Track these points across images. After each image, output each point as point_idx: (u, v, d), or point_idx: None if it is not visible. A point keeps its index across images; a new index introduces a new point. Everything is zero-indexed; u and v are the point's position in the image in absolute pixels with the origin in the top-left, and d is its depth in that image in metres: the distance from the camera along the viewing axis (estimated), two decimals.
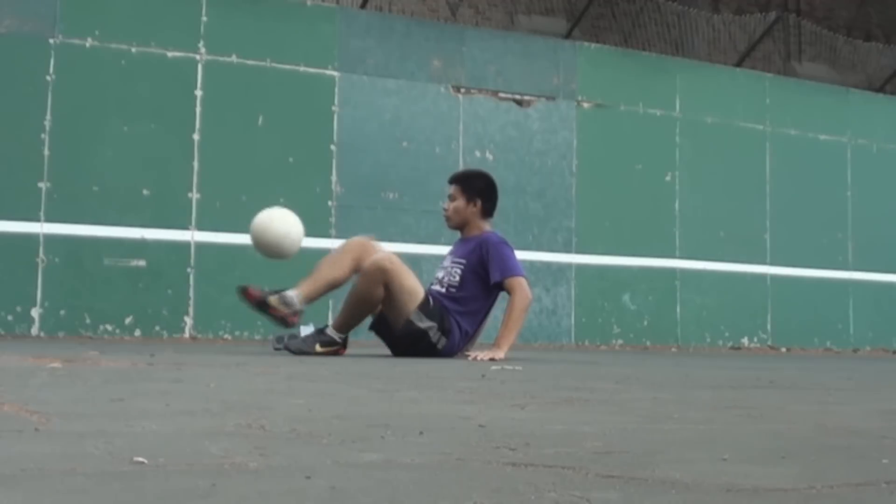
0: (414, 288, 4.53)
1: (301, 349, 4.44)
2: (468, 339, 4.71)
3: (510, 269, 4.62)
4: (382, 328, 4.68)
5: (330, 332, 4.52)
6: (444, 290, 4.69)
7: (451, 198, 4.84)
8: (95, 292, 6.68)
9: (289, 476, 1.11)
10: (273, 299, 4.41)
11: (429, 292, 4.63)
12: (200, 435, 1.45)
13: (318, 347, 4.46)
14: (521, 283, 4.60)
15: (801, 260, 9.28)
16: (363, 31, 7.75)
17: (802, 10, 11.83)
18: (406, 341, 4.59)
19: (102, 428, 1.50)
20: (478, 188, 4.83)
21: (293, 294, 4.46)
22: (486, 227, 4.85)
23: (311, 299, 4.54)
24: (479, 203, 4.80)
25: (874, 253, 9.64)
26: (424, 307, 4.53)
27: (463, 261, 4.72)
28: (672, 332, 8.63)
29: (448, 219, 4.87)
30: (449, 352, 4.61)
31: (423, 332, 4.53)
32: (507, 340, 4.51)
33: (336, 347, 4.51)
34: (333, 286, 4.62)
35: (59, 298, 6.59)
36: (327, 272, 4.57)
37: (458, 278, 4.69)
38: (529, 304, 4.65)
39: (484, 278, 4.65)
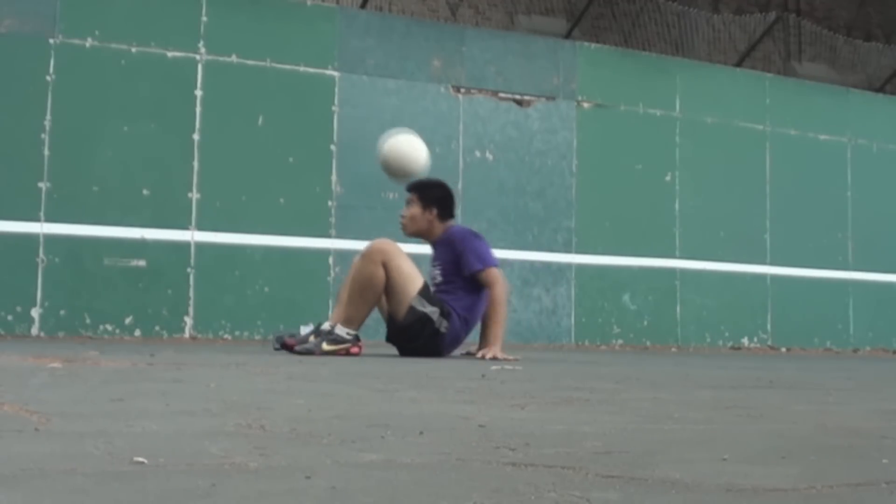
0: (412, 273, 4.59)
1: (307, 350, 4.36)
2: (467, 325, 4.74)
3: (485, 259, 4.72)
4: (393, 332, 4.69)
5: (339, 329, 4.42)
6: (434, 288, 4.77)
7: (408, 204, 4.93)
8: (95, 292, 6.67)
9: (289, 476, 1.11)
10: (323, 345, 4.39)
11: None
12: (200, 435, 1.45)
13: (324, 346, 4.36)
14: (496, 274, 4.71)
15: (801, 260, 9.27)
16: (363, 31, 7.75)
17: (802, 10, 11.84)
18: (412, 330, 4.57)
19: (102, 428, 1.49)
20: (434, 197, 4.91)
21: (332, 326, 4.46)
22: (450, 224, 4.92)
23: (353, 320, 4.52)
24: (434, 210, 4.87)
25: (874, 253, 9.63)
26: (425, 292, 4.60)
27: (439, 261, 4.84)
28: (672, 332, 8.62)
29: (404, 226, 4.94)
30: (452, 338, 4.63)
31: (426, 316, 4.55)
32: (498, 337, 4.65)
33: (346, 345, 4.40)
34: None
35: (59, 298, 6.59)
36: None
37: (441, 278, 4.80)
38: (509, 293, 4.71)
39: (462, 269, 4.73)
